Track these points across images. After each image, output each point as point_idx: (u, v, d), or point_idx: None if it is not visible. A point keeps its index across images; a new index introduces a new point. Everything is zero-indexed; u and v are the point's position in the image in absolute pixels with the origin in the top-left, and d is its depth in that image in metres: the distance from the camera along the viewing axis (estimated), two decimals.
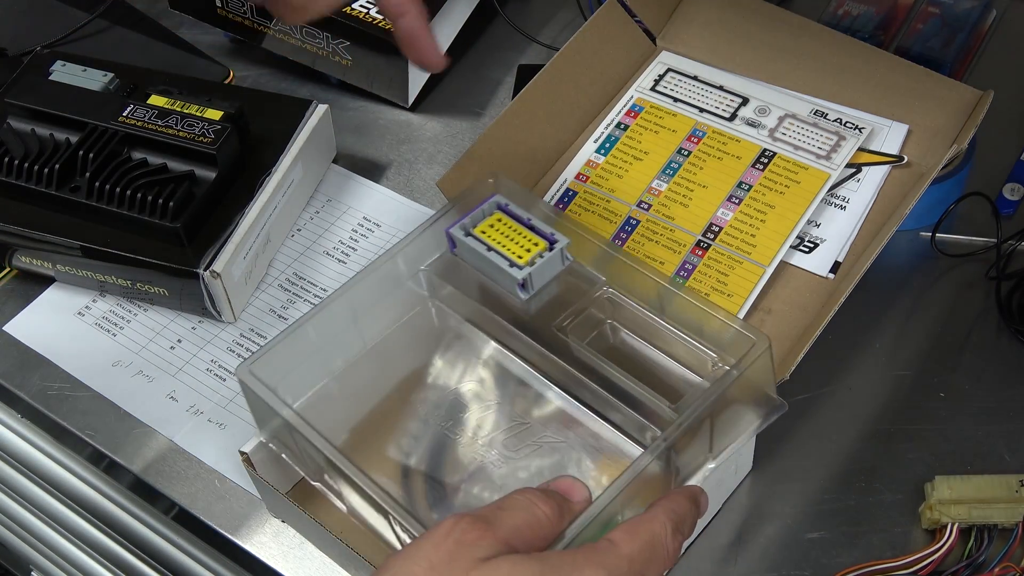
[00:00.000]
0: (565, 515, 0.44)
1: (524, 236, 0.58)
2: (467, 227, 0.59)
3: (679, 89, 0.75)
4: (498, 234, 0.58)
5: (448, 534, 0.40)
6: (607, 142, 0.73)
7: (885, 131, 0.70)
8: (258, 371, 0.55)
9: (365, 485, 0.50)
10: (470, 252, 0.59)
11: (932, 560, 0.57)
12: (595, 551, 0.41)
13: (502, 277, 0.58)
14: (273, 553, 0.61)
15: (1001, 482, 0.58)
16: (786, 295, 0.65)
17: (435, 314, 0.62)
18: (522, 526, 0.42)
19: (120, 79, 0.76)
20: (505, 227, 0.59)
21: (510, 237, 0.58)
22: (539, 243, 0.58)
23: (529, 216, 0.59)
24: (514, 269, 0.57)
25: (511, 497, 0.43)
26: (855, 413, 0.65)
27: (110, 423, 0.67)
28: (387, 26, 0.81)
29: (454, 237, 0.59)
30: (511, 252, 0.58)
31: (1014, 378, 0.66)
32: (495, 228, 0.59)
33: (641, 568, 0.42)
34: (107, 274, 0.71)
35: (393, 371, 0.61)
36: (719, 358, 0.55)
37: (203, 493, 0.64)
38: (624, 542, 0.42)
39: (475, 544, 0.40)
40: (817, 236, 0.67)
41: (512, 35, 0.89)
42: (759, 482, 0.62)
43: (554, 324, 0.58)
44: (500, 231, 0.59)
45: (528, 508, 0.43)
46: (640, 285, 0.58)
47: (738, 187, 0.69)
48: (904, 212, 0.62)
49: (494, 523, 0.41)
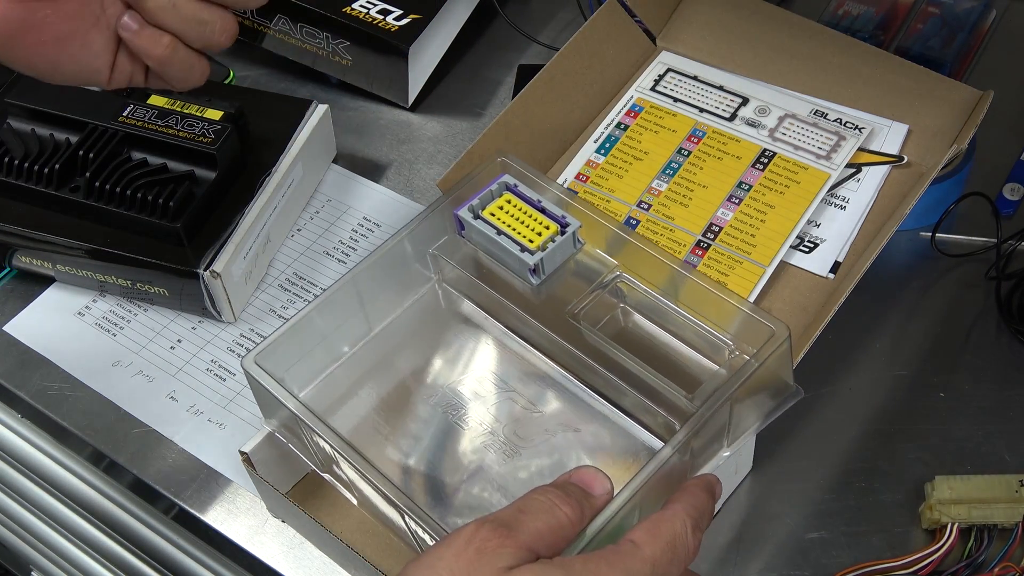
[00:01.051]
0: (586, 512, 0.43)
1: (534, 219, 0.57)
2: (476, 209, 0.57)
3: (679, 89, 0.75)
4: (508, 216, 0.57)
5: (469, 542, 0.39)
6: (607, 142, 0.73)
7: (885, 131, 0.70)
8: (263, 362, 0.54)
9: (374, 478, 0.49)
10: (479, 235, 0.57)
11: (932, 560, 0.57)
12: (618, 555, 0.41)
13: (512, 261, 0.56)
14: (273, 553, 0.61)
15: (1001, 482, 0.58)
16: (786, 295, 0.65)
17: (442, 297, 0.61)
18: (544, 530, 0.41)
19: None
20: (515, 209, 0.57)
21: (520, 220, 0.57)
22: (550, 226, 0.56)
23: (539, 198, 0.57)
24: (525, 254, 0.56)
25: (532, 499, 0.42)
26: (855, 413, 0.65)
27: (110, 423, 0.67)
28: (387, 26, 0.81)
29: (462, 219, 0.57)
30: (521, 236, 0.56)
31: (1014, 378, 0.66)
32: (504, 210, 0.57)
33: (664, 570, 0.41)
34: (107, 274, 0.71)
35: (400, 356, 0.60)
36: (736, 346, 0.54)
37: (203, 493, 0.64)
38: (646, 544, 0.41)
39: (497, 552, 0.39)
40: (817, 236, 0.67)
41: (512, 35, 0.89)
42: (759, 482, 0.62)
43: (565, 310, 0.56)
44: (510, 213, 0.57)
45: (550, 510, 0.42)
46: (653, 269, 0.56)
47: (738, 187, 0.69)
48: (904, 212, 0.62)
49: (515, 528, 0.40)
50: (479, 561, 0.39)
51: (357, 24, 0.81)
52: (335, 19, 0.81)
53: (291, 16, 0.83)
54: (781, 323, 0.52)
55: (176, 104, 0.72)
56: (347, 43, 0.82)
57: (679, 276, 0.56)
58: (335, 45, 0.83)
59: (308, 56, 0.85)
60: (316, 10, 0.82)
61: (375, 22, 0.81)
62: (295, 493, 0.62)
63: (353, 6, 0.82)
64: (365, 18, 0.81)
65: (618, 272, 0.58)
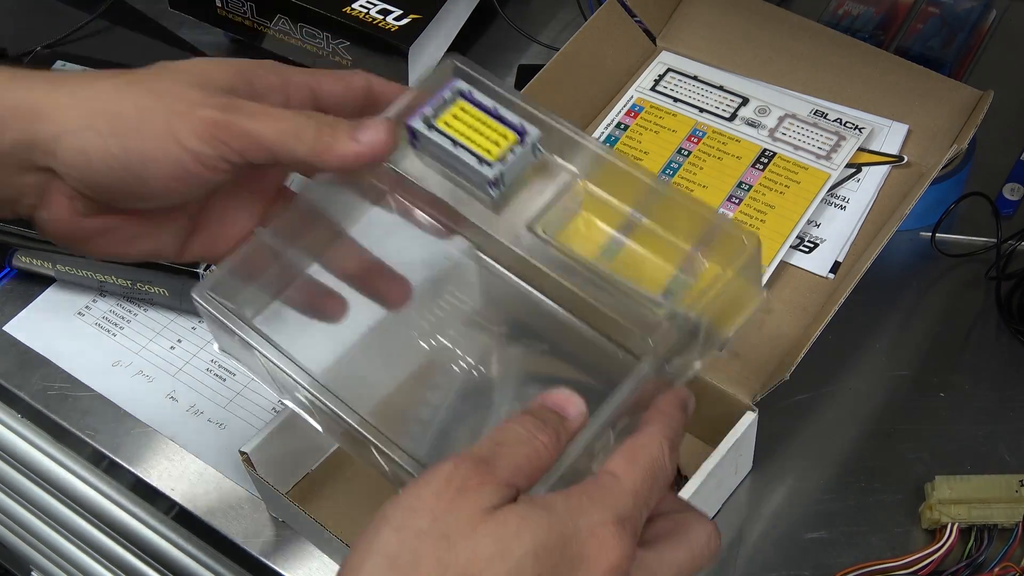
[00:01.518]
0: (562, 438, 0.42)
1: (491, 128, 0.53)
2: (430, 119, 0.53)
3: (679, 89, 0.75)
4: (463, 126, 0.53)
5: (449, 480, 0.38)
6: (607, 142, 0.73)
7: (885, 131, 0.70)
8: (215, 291, 0.51)
9: (346, 415, 0.47)
10: (434, 147, 0.53)
11: (932, 560, 0.57)
12: (600, 489, 0.40)
13: (471, 174, 0.53)
14: (273, 553, 0.61)
15: (1001, 482, 0.58)
16: (786, 295, 0.65)
17: (396, 209, 0.58)
18: (523, 463, 0.40)
19: None
20: (470, 118, 0.53)
21: (476, 129, 0.53)
22: (508, 135, 0.52)
23: (495, 104, 0.53)
24: (484, 167, 0.52)
25: (508, 429, 0.41)
26: (855, 413, 0.65)
27: (110, 423, 0.67)
28: (387, 26, 0.81)
29: (416, 130, 0.53)
30: (479, 147, 0.52)
31: (1014, 378, 0.66)
32: (459, 120, 0.53)
33: (646, 498, 0.40)
34: (107, 274, 0.70)
35: (351, 263, 0.57)
36: (704, 256, 0.51)
37: (203, 493, 0.64)
38: (627, 473, 0.40)
39: (479, 491, 0.38)
40: (817, 236, 0.67)
41: (512, 35, 0.89)
42: (759, 482, 0.62)
43: (526, 222, 0.53)
44: (465, 123, 0.53)
45: (528, 442, 0.41)
46: (618, 179, 0.54)
47: (738, 187, 0.69)
48: (904, 212, 0.62)
49: (495, 463, 0.39)
50: (461, 500, 0.38)
51: (357, 24, 0.81)
52: (335, 19, 0.81)
53: (291, 16, 0.83)
54: (753, 234, 0.49)
55: None
56: (347, 43, 0.82)
57: (646, 186, 0.53)
58: (335, 45, 0.83)
59: (308, 56, 0.84)
60: (316, 10, 0.81)
61: (375, 22, 0.81)
62: (295, 493, 0.62)
63: (353, 6, 0.82)
64: (365, 18, 0.81)
65: (580, 181, 0.54)
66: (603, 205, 0.55)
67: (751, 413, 0.58)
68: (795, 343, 0.62)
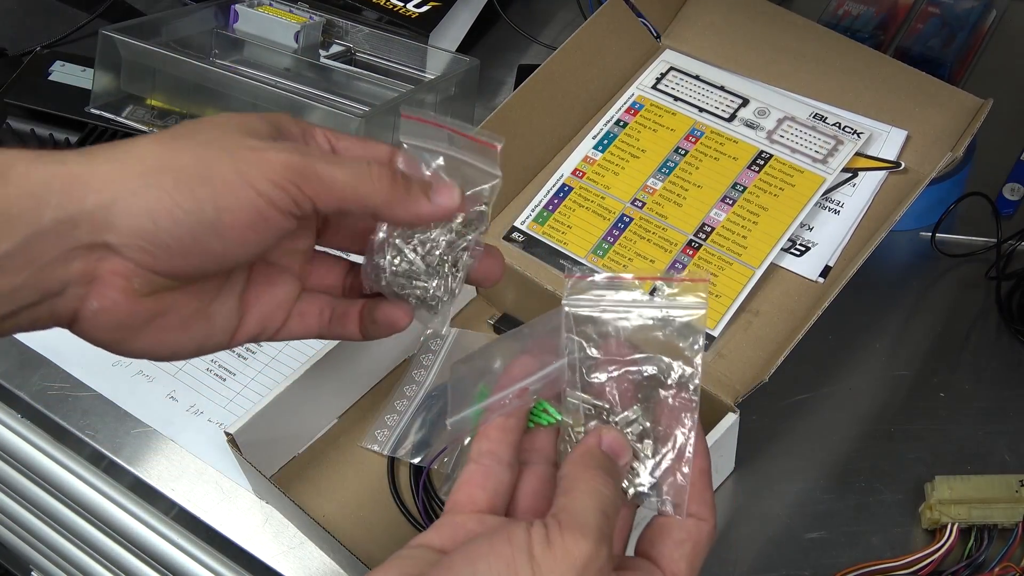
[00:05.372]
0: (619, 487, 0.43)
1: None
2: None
3: (680, 88, 0.75)
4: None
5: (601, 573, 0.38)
6: (605, 139, 0.73)
7: (884, 136, 0.70)
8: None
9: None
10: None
11: (932, 560, 0.57)
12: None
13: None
14: (273, 553, 0.61)
15: (1001, 482, 0.58)
16: (774, 298, 0.65)
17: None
18: (619, 524, 0.42)
19: None
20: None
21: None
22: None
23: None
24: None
25: (599, 494, 0.40)
26: (855, 413, 0.65)
27: (110, 423, 0.67)
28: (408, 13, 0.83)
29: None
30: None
31: (1014, 378, 0.66)
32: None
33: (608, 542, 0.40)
34: None
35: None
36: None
37: (203, 493, 0.64)
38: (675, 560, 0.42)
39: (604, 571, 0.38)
40: (809, 240, 0.67)
41: (513, 36, 0.89)
42: (759, 482, 0.62)
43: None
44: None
45: (614, 503, 0.41)
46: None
47: (733, 188, 0.69)
48: (895, 218, 0.62)
49: (609, 535, 0.39)
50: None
51: (379, 11, 0.82)
52: (356, 6, 0.83)
53: (310, 4, 0.84)
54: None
55: (176, 106, 0.73)
56: (367, 31, 0.83)
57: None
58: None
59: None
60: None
61: (396, 9, 0.82)
62: (280, 477, 0.62)
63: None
64: (386, 5, 0.82)
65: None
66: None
67: (732, 414, 0.58)
68: (780, 346, 0.61)
